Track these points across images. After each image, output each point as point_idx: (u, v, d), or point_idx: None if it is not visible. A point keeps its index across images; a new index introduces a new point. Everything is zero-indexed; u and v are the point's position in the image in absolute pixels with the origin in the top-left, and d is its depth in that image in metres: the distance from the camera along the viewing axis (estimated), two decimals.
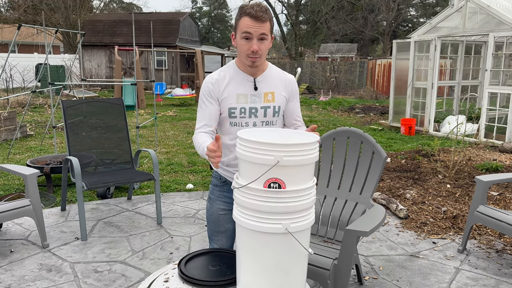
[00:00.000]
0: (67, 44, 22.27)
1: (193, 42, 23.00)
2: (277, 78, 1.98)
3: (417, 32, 8.81)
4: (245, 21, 1.81)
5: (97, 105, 4.21)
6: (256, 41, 1.82)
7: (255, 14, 1.78)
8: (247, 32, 1.80)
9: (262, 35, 1.81)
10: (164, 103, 14.07)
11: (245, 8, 1.82)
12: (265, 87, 1.95)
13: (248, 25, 1.80)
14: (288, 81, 2.01)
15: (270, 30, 1.85)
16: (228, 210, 2.07)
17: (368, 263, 3.09)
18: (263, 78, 1.95)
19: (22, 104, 11.48)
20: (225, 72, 1.94)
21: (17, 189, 4.68)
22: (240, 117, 1.93)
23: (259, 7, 1.81)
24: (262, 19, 1.80)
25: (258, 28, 1.80)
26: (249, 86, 1.93)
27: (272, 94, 1.95)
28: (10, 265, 2.98)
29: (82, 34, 7.44)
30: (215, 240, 2.12)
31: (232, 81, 1.92)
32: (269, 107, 1.94)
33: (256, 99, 1.93)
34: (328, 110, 12.88)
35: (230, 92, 1.91)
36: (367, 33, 29.08)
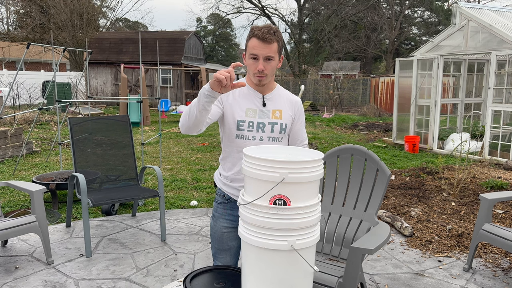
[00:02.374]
0: (74, 62, 22.60)
1: (198, 60, 23.27)
2: (285, 98, 2.05)
3: (419, 51, 8.90)
4: (253, 42, 1.88)
5: (103, 122, 4.26)
6: (262, 61, 1.89)
7: (262, 36, 1.85)
8: (254, 53, 1.88)
9: (268, 56, 1.88)
10: (168, 120, 14.17)
11: (254, 30, 1.89)
12: (273, 105, 2.01)
13: (255, 47, 1.87)
14: (295, 102, 2.08)
15: (277, 51, 1.91)
16: (231, 228, 2.08)
17: (373, 282, 3.07)
18: (272, 96, 2.02)
19: (28, 121, 11.60)
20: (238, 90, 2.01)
21: (23, 205, 4.70)
22: (247, 131, 1.96)
23: (267, 29, 1.88)
24: (269, 41, 1.86)
25: (264, 50, 1.87)
26: (258, 102, 1.99)
27: (280, 112, 2.01)
28: (15, 282, 2.99)
29: (89, 53, 7.57)
30: (219, 258, 2.12)
31: (242, 95, 1.99)
32: (277, 123, 1.99)
33: (264, 114, 1.98)
34: (332, 127, 12.91)
35: (240, 105, 1.96)
36: (370, 51, 29.33)
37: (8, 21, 26.85)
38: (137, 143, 8.74)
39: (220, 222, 2.08)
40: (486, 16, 7.77)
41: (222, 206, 2.08)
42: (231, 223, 2.07)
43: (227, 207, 2.07)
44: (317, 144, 9.36)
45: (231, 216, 2.07)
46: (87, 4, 21.48)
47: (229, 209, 2.07)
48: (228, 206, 2.07)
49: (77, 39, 21.29)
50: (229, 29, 47.31)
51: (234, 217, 2.07)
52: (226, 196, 2.07)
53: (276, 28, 1.93)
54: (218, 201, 2.11)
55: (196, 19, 45.62)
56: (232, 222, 2.07)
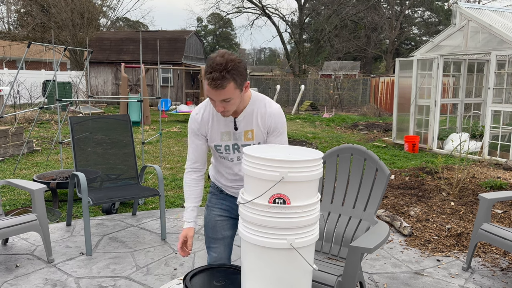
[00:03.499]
0: (74, 61, 22.60)
1: (198, 59, 23.28)
2: (258, 114, 1.93)
3: (419, 51, 8.91)
4: (206, 85, 1.74)
5: (104, 121, 4.27)
6: (219, 103, 1.77)
7: (211, 84, 1.70)
8: (209, 97, 1.78)
9: (223, 99, 1.75)
10: (169, 119, 14.18)
11: (207, 69, 1.71)
12: (245, 126, 1.94)
13: (208, 91, 1.75)
14: (270, 114, 1.92)
15: (235, 89, 1.74)
16: (224, 217, 2.16)
17: (372, 281, 3.08)
18: (243, 117, 1.94)
19: (29, 120, 11.61)
20: (208, 111, 1.97)
21: (23, 204, 4.72)
22: (225, 153, 2.02)
23: (217, 72, 1.68)
24: (220, 87, 1.70)
25: (218, 96, 1.74)
26: (230, 125, 1.96)
27: (252, 132, 1.96)
28: (15, 280, 3.00)
29: (90, 52, 7.58)
30: (213, 248, 2.16)
31: (215, 120, 1.97)
32: (249, 144, 1.98)
33: (238, 137, 1.98)
34: (332, 126, 12.93)
35: (215, 130, 1.98)
36: (370, 51, 29.34)
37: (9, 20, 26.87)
38: (137, 142, 8.76)
39: (214, 211, 2.17)
40: (486, 16, 7.78)
41: (215, 196, 2.19)
42: (224, 212, 2.16)
43: (220, 197, 2.17)
44: (317, 143, 9.38)
45: (224, 206, 2.17)
46: (87, 3, 21.49)
47: (222, 199, 2.17)
48: (221, 197, 2.18)
49: (78, 38, 21.30)
50: (229, 29, 47.32)
51: (227, 207, 2.16)
52: (218, 188, 2.18)
53: (230, 65, 1.69)
54: (211, 192, 2.22)
55: (197, 19, 45.63)
56: (225, 211, 2.16)
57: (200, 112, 1.98)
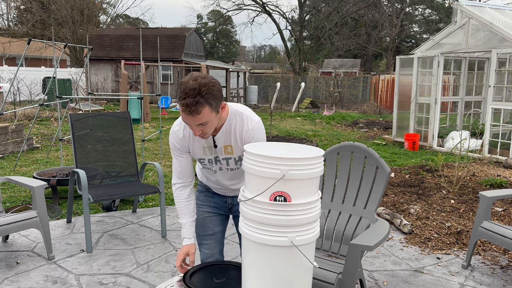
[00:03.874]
0: (74, 58, 22.58)
1: (198, 56, 23.25)
2: (235, 130, 1.91)
3: (420, 48, 8.90)
4: (180, 110, 1.71)
5: (104, 118, 4.27)
6: (196, 127, 1.76)
7: (185, 110, 1.67)
8: (185, 121, 1.76)
9: (199, 123, 1.73)
10: (169, 116, 14.18)
11: (180, 95, 1.68)
12: (223, 142, 1.95)
13: (183, 116, 1.72)
14: (246, 130, 1.89)
15: (210, 112, 1.71)
16: (213, 213, 2.21)
17: (372, 278, 3.08)
18: (221, 135, 1.93)
19: (29, 117, 11.60)
20: (188, 129, 1.96)
21: (24, 201, 4.72)
22: (209, 165, 2.06)
23: (191, 98, 1.65)
24: (194, 113, 1.68)
25: (193, 121, 1.72)
26: (210, 142, 1.98)
27: (231, 147, 1.97)
28: (16, 277, 3.00)
29: (90, 49, 7.57)
30: (205, 245, 2.20)
31: (196, 138, 1.97)
32: (230, 158, 2.01)
33: (218, 152, 2.00)
34: (332, 124, 12.92)
35: (196, 145, 1.99)
36: (371, 48, 29.30)
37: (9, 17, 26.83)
38: (137, 139, 8.75)
39: (202, 208, 2.21)
40: (487, 14, 7.77)
41: (203, 194, 2.23)
42: (213, 209, 2.21)
43: (208, 195, 2.22)
44: (317, 141, 9.37)
45: (212, 203, 2.21)
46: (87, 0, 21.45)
47: (210, 196, 2.22)
48: (209, 194, 2.22)
49: (78, 35, 21.27)
50: (229, 26, 47.24)
51: (215, 204, 2.21)
52: (206, 186, 2.23)
53: (203, 90, 1.65)
54: (199, 190, 2.26)
55: (197, 16, 45.61)
56: (213, 208, 2.21)
57: (181, 128, 1.96)
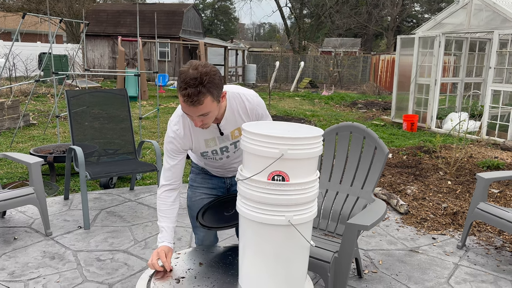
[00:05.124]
0: (70, 34, 22.24)
1: (196, 34, 22.94)
2: (239, 111, 1.87)
3: (421, 28, 8.78)
4: (181, 101, 1.64)
5: (101, 95, 4.22)
6: (197, 117, 1.70)
7: (187, 100, 1.61)
8: (186, 113, 1.69)
9: (200, 114, 1.67)
10: (166, 94, 14.08)
11: (180, 85, 1.61)
12: (230, 127, 1.88)
13: (184, 107, 1.65)
14: (250, 109, 1.88)
15: (212, 102, 1.65)
16: (211, 195, 2.14)
17: (367, 257, 3.12)
18: (226, 120, 1.86)
19: (25, 93, 11.50)
20: (188, 122, 1.86)
21: (21, 177, 4.71)
22: (212, 156, 1.98)
23: (194, 88, 1.58)
24: (196, 104, 1.61)
25: (194, 112, 1.66)
26: (215, 131, 1.88)
27: (239, 130, 1.91)
28: (14, 252, 3.02)
29: (86, 24, 7.43)
30: (201, 228, 2.16)
31: (196, 130, 1.86)
32: (238, 140, 1.92)
33: (225, 139, 1.91)
34: (331, 104, 12.87)
35: (198, 140, 1.89)
36: (371, 28, 28.94)
37: None
38: (134, 117, 8.70)
39: (199, 190, 2.15)
40: None
41: (200, 176, 2.16)
42: (211, 190, 2.15)
43: (206, 177, 2.15)
44: (316, 121, 9.35)
45: (209, 184, 2.15)
46: None
47: (208, 178, 2.15)
48: (206, 176, 2.15)
49: (74, 10, 20.89)
50: (228, 2, 46.49)
51: (213, 185, 2.15)
52: (204, 169, 2.16)
53: (205, 79, 1.59)
54: (195, 172, 2.19)
55: None
56: (211, 189, 2.15)
57: (180, 126, 1.84)
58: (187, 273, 1.72)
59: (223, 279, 1.68)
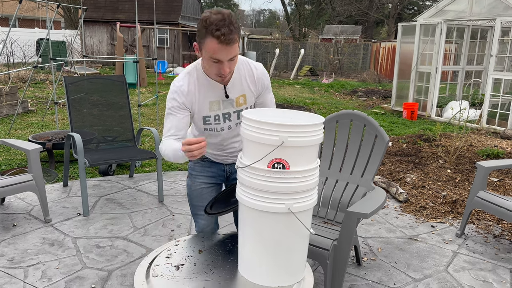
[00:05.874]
0: (68, 20, 22.01)
1: (196, 20, 22.72)
2: (246, 77, 1.87)
3: (423, 15, 8.70)
4: (213, 45, 1.61)
5: (99, 82, 4.19)
6: (226, 63, 1.67)
7: (224, 40, 1.58)
8: (216, 58, 1.65)
9: (232, 57, 1.66)
10: (165, 81, 14.00)
11: (211, 28, 1.58)
12: (236, 92, 1.85)
13: (217, 51, 1.62)
14: (258, 75, 1.88)
15: (238, 45, 1.66)
16: (210, 183, 2.09)
17: (366, 245, 3.12)
18: (233, 83, 1.84)
19: (23, 80, 11.42)
20: (194, 80, 1.82)
21: (19, 164, 4.70)
22: (214, 124, 1.90)
23: (226, 27, 1.58)
24: (232, 43, 1.60)
25: (227, 54, 1.64)
26: (220, 93, 1.84)
27: (244, 97, 1.88)
28: (13, 239, 3.02)
29: (84, 10, 7.34)
30: (201, 215, 2.13)
31: (202, 89, 1.82)
32: (242, 109, 1.90)
33: (229, 104, 1.87)
34: (331, 92, 12.82)
35: (202, 100, 1.84)
36: (372, 15, 28.68)
37: None
38: (133, 104, 8.66)
39: (199, 179, 2.09)
40: None
41: (199, 164, 2.09)
42: (210, 179, 2.09)
43: (205, 165, 2.08)
44: (315, 110, 9.32)
45: (209, 173, 2.08)
46: None
47: (207, 166, 2.08)
48: (206, 164, 2.08)
49: None
50: None
51: (212, 173, 2.09)
52: (203, 156, 2.06)
53: (233, 19, 1.62)
54: (194, 160, 2.07)
55: None
56: (210, 178, 2.09)
57: (185, 82, 1.81)
58: (186, 260, 1.72)
59: (223, 266, 1.68)
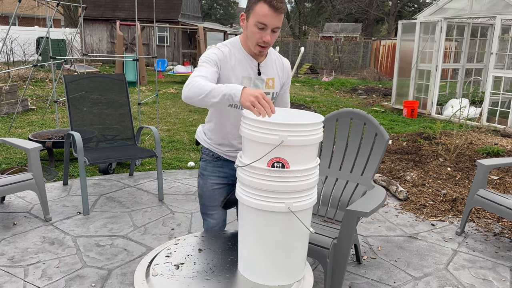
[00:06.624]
0: (68, 18, 22.00)
1: (196, 18, 22.70)
2: (276, 64, 1.98)
3: (423, 13, 8.68)
4: (263, 10, 1.72)
5: (99, 80, 4.18)
6: (270, 31, 1.77)
7: (276, 5, 1.70)
8: (263, 23, 1.73)
9: (277, 26, 1.77)
10: (165, 80, 13.99)
11: None
12: (267, 73, 1.93)
13: (266, 15, 1.72)
14: (285, 67, 2.02)
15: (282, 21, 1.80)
16: (222, 184, 2.08)
17: (366, 243, 3.13)
18: (266, 64, 1.92)
19: (23, 78, 11.41)
20: (232, 51, 1.89)
21: (19, 162, 4.70)
22: None
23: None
24: (281, 11, 1.73)
25: (274, 20, 1.74)
26: (253, 70, 1.90)
27: (273, 81, 1.94)
28: (13, 238, 3.02)
29: (84, 8, 7.33)
30: (211, 215, 2.12)
31: (238, 62, 1.88)
32: (269, 93, 1.93)
33: (259, 83, 1.91)
34: (331, 90, 12.80)
35: (236, 73, 1.87)
36: (372, 13, 28.63)
37: None
38: (133, 103, 8.66)
39: (211, 180, 2.07)
40: None
41: (211, 164, 2.07)
42: (222, 179, 2.07)
43: (217, 165, 2.06)
44: (316, 108, 9.31)
45: (221, 173, 2.06)
46: None
47: (219, 166, 2.06)
48: (218, 164, 2.06)
49: None
50: None
51: (224, 174, 2.06)
52: (215, 155, 2.05)
53: None
54: (206, 160, 2.08)
55: None
56: (222, 178, 2.07)
57: (226, 49, 1.87)
58: (186, 259, 1.72)
59: (223, 265, 1.68)
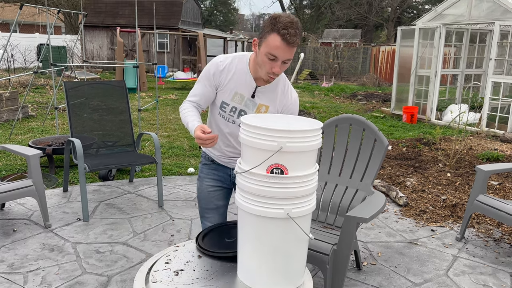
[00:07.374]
0: (69, 25, 22.09)
1: (196, 25, 22.80)
2: (278, 93, 1.91)
3: (422, 19, 8.72)
4: (275, 42, 1.68)
5: (99, 87, 4.20)
6: (280, 63, 1.74)
7: (289, 39, 1.66)
8: (274, 55, 1.71)
9: (288, 59, 1.73)
10: (165, 86, 14.02)
11: (279, 26, 1.66)
12: (262, 99, 1.89)
13: (278, 48, 1.69)
14: (290, 102, 1.92)
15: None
16: (217, 187, 2.12)
17: (366, 249, 3.12)
18: (265, 90, 1.88)
19: (23, 85, 11.45)
20: (236, 64, 1.87)
21: (19, 169, 4.70)
22: (228, 114, 1.93)
23: (293, 29, 1.66)
24: (294, 45, 1.69)
25: (286, 54, 1.71)
26: (249, 90, 1.88)
27: (266, 108, 1.91)
28: (13, 244, 3.02)
29: (84, 15, 7.37)
30: (207, 218, 2.16)
31: (236, 77, 1.87)
32: None
33: (250, 105, 1.90)
34: (330, 96, 12.83)
35: (230, 86, 1.88)
36: (372, 19, 28.77)
37: None
38: (133, 109, 8.68)
39: (206, 182, 2.12)
40: None
41: (206, 166, 2.13)
42: (216, 182, 2.11)
43: (212, 168, 2.11)
44: (315, 113, 9.33)
45: (215, 176, 2.11)
46: None
47: (213, 169, 2.11)
48: (212, 167, 2.11)
49: (72, 0, 20.71)
50: None
51: (218, 177, 2.11)
52: (210, 158, 2.11)
53: (299, 26, 1.71)
54: (203, 162, 2.16)
55: None
56: (216, 181, 2.11)
57: (226, 61, 1.87)
58: (186, 266, 1.72)
59: (222, 272, 1.68)
